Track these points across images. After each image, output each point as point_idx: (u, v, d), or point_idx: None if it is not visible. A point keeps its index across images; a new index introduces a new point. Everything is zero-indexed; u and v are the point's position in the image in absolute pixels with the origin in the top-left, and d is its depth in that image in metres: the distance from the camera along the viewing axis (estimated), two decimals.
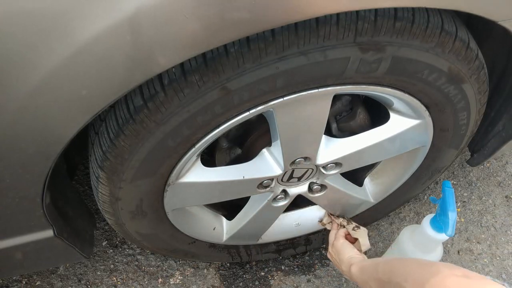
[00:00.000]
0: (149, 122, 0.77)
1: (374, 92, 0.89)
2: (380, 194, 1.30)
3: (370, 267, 0.93)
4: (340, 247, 1.14)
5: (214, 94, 0.76)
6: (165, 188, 0.95)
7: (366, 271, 0.94)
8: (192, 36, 0.62)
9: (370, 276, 0.91)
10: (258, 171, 1.03)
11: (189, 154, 0.88)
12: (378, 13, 0.72)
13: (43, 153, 0.74)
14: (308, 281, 1.44)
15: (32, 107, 0.65)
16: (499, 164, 1.68)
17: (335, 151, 1.03)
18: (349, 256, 1.08)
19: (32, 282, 1.38)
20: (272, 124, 0.92)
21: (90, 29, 0.58)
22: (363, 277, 0.94)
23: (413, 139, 1.07)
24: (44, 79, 0.62)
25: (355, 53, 0.76)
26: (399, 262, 0.84)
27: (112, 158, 0.83)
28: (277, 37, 0.70)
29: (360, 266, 0.99)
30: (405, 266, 0.80)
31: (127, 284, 1.41)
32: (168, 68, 0.67)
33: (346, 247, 1.13)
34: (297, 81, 0.79)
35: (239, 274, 1.46)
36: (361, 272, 0.96)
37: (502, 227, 1.54)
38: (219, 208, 1.28)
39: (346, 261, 1.06)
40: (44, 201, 0.85)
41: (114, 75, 0.64)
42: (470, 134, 1.11)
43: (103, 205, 0.97)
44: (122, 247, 1.47)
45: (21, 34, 0.57)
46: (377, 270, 0.88)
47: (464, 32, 0.83)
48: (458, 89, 0.91)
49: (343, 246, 1.14)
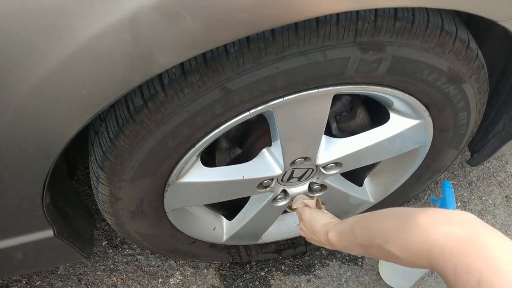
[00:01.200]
0: (149, 122, 0.77)
1: (374, 92, 0.89)
2: (380, 194, 1.30)
3: (347, 231, 0.83)
4: (309, 216, 1.02)
5: (214, 94, 0.76)
6: (165, 188, 0.95)
7: (345, 236, 0.84)
8: (192, 36, 0.63)
9: (350, 242, 0.81)
10: (258, 171, 1.03)
11: (189, 154, 0.88)
12: (378, 13, 0.72)
13: (43, 153, 0.74)
14: (308, 281, 1.44)
15: (32, 106, 0.65)
16: (499, 164, 1.68)
17: (335, 151, 1.03)
18: (323, 223, 0.95)
19: (32, 282, 1.38)
20: (272, 124, 0.92)
21: (90, 29, 0.58)
22: (343, 243, 0.85)
23: (413, 139, 1.07)
24: (44, 79, 0.62)
25: (355, 53, 0.76)
26: (374, 220, 0.75)
27: (112, 158, 0.83)
28: (277, 37, 0.70)
29: (337, 232, 0.87)
30: (381, 224, 0.71)
31: (127, 284, 1.41)
32: (168, 68, 0.67)
33: (316, 215, 1.00)
34: (297, 81, 0.79)
35: (239, 274, 1.46)
36: (340, 238, 0.86)
37: (502, 227, 1.54)
38: (219, 208, 1.28)
39: (322, 230, 0.93)
40: (44, 201, 0.85)
41: (114, 74, 0.64)
42: (470, 134, 1.11)
43: (103, 205, 0.97)
44: (122, 247, 1.47)
45: (21, 33, 0.57)
46: (355, 234, 0.78)
47: (464, 32, 0.83)
48: (458, 89, 0.91)
49: (313, 215, 1.01)
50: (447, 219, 0.59)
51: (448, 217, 0.59)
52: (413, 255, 0.62)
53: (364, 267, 1.46)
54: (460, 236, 0.56)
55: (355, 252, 0.83)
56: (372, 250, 0.73)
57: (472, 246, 0.55)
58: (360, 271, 1.46)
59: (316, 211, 1.04)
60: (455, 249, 0.55)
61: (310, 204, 1.09)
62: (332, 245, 0.89)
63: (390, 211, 0.73)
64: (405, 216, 0.65)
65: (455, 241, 0.56)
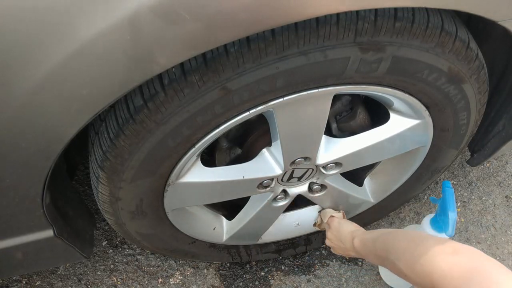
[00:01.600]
0: (149, 122, 0.77)
1: (374, 92, 0.89)
2: (380, 194, 1.30)
3: (369, 242, 0.92)
4: (338, 225, 1.11)
5: (214, 94, 0.76)
6: (165, 188, 0.95)
7: (367, 245, 0.93)
8: (192, 36, 0.62)
9: (370, 251, 0.90)
10: (258, 171, 1.03)
11: (189, 154, 0.88)
12: (378, 13, 0.72)
13: (43, 153, 0.74)
14: (308, 281, 1.44)
15: (32, 106, 0.65)
16: (499, 164, 1.68)
17: (335, 151, 1.03)
18: (350, 231, 1.04)
19: (32, 282, 1.38)
20: (272, 124, 0.92)
21: (90, 29, 0.58)
22: (365, 251, 0.94)
23: (413, 139, 1.07)
24: (44, 78, 0.62)
25: (355, 53, 0.76)
26: (392, 237, 0.83)
27: (112, 158, 0.83)
28: (277, 37, 0.70)
29: (361, 240, 0.97)
30: (397, 242, 0.79)
31: (127, 284, 1.41)
32: (168, 68, 0.67)
33: (344, 224, 1.10)
34: (297, 81, 0.79)
35: (239, 274, 1.46)
36: (363, 246, 0.95)
37: (502, 227, 1.54)
38: (219, 208, 1.28)
39: (349, 236, 1.02)
40: (44, 201, 0.85)
41: (114, 74, 0.64)
42: (470, 134, 1.11)
43: (103, 205, 0.97)
44: (122, 247, 1.47)
45: (21, 33, 0.57)
46: (375, 246, 0.87)
47: (464, 32, 0.83)
48: (458, 89, 0.92)
49: (341, 223, 1.11)
50: (454, 250, 0.65)
51: (456, 248, 0.66)
52: (418, 276, 0.69)
53: (364, 267, 1.46)
54: (463, 264, 0.62)
55: (373, 261, 0.92)
56: (387, 263, 0.82)
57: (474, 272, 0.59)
58: (360, 271, 1.46)
59: (344, 220, 1.13)
60: (457, 275, 0.61)
61: (337, 216, 1.20)
62: (356, 251, 0.98)
63: (407, 233, 0.84)
64: (418, 241, 0.74)
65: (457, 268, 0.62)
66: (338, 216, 1.21)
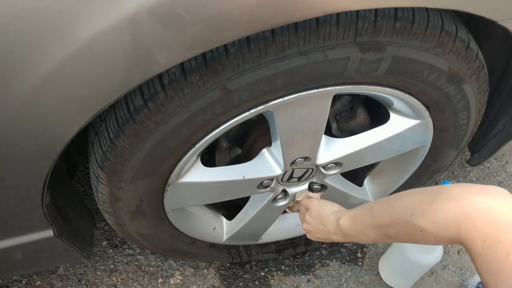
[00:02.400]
0: (149, 122, 0.77)
1: (374, 92, 0.89)
2: (380, 194, 1.30)
3: (363, 215, 0.82)
4: (318, 205, 0.98)
5: (214, 94, 0.76)
6: (165, 188, 0.95)
7: (360, 219, 0.82)
8: (192, 36, 0.63)
9: (365, 225, 0.80)
10: (258, 171, 1.03)
11: (189, 154, 0.88)
12: (378, 13, 0.72)
13: (44, 153, 0.74)
14: (308, 281, 1.44)
15: (32, 106, 0.65)
16: (499, 164, 1.68)
17: (335, 151, 1.03)
18: (333, 211, 0.92)
19: (32, 282, 1.38)
20: (272, 124, 0.92)
21: (90, 29, 0.58)
22: (357, 227, 0.83)
23: (413, 139, 1.07)
24: (44, 78, 0.62)
25: (355, 53, 0.76)
26: (396, 199, 0.74)
27: (112, 158, 0.83)
28: (277, 37, 0.70)
29: (350, 216, 0.85)
30: (406, 199, 0.71)
31: (127, 284, 1.41)
32: (168, 68, 0.67)
33: (325, 204, 0.97)
34: (297, 81, 0.79)
35: (239, 274, 1.46)
36: (354, 222, 0.84)
37: None
38: (219, 208, 1.28)
39: (332, 217, 0.90)
40: (44, 201, 0.85)
41: (114, 74, 0.64)
42: (470, 134, 1.11)
43: (103, 205, 0.97)
44: (122, 247, 1.47)
45: (21, 33, 0.57)
46: (373, 215, 0.78)
47: (464, 32, 0.83)
48: (458, 89, 0.92)
49: (321, 204, 0.97)
50: (481, 189, 0.59)
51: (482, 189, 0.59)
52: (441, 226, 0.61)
53: (364, 267, 1.46)
54: (493, 207, 0.56)
55: (366, 237, 0.81)
56: (391, 228, 0.73)
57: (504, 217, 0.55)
58: (360, 271, 1.46)
59: (325, 201, 1.00)
60: (487, 220, 0.55)
61: (314, 197, 1.08)
62: (343, 231, 0.87)
63: (412, 190, 0.73)
64: (436, 189, 0.65)
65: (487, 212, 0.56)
66: (315, 197, 1.08)
